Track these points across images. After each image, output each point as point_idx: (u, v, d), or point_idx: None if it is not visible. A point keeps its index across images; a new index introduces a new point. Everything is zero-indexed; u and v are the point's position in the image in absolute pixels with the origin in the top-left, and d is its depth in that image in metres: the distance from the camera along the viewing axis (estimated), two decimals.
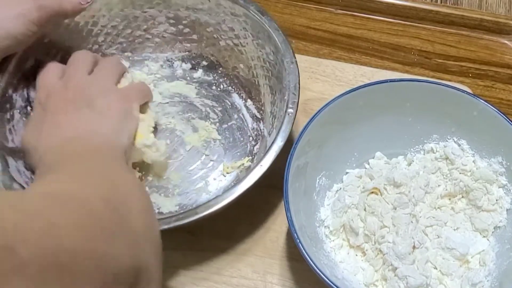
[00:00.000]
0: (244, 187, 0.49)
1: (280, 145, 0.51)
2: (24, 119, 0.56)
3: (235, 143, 0.61)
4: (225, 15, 0.60)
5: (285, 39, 0.57)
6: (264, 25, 0.57)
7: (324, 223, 0.55)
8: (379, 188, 0.55)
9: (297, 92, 0.54)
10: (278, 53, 0.56)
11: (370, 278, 0.52)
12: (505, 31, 0.73)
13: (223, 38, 0.63)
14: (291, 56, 0.56)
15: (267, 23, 0.57)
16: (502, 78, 0.70)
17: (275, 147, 0.51)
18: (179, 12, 0.62)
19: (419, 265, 0.51)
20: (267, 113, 0.60)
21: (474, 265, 0.53)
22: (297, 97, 0.54)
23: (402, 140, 0.59)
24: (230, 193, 0.49)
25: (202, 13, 0.61)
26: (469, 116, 0.55)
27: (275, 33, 0.57)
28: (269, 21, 0.57)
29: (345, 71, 0.69)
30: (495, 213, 0.54)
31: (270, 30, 0.57)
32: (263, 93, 0.61)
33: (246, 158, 0.60)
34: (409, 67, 0.71)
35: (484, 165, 0.56)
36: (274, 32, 0.57)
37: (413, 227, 0.52)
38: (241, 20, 0.59)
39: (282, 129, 0.52)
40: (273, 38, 0.57)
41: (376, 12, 0.75)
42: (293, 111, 0.53)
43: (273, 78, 0.58)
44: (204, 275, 0.55)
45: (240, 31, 0.60)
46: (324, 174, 0.56)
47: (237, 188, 0.49)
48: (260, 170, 0.50)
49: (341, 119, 0.55)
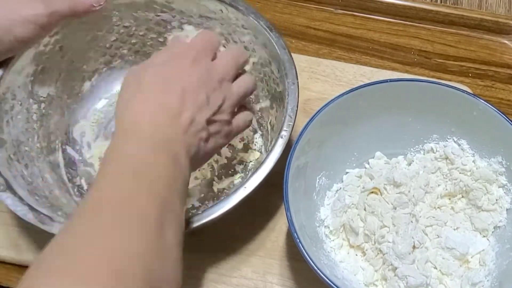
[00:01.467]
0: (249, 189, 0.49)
1: (269, 166, 0.50)
2: (24, 112, 0.56)
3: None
4: (236, 26, 0.60)
5: (290, 58, 0.56)
6: (271, 41, 0.57)
7: (324, 223, 0.55)
8: (379, 188, 0.55)
9: (293, 115, 0.53)
10: (282, 71, 0.56)
11: (370, 277, 0.52)
12: (505, 31, 0.73)
13: None
14: (293, 77, 0.55)
15: (275, 40, 0.57)
16: (502, 78, 0.71)
17: (264, 169, 0.50)
18: (192, 19, 0.62)
19: (419, 265, 0.51)
20: (268, 129, 0.60)
21: (474, 265, 0.53)
22: (293, 120, 0.53)
23: (402, 140, 0.59)
24: (236, 196, 0.49)
25: (215, 22, 0.61)
26: (469, 116, 0.55)
27: (281, 52, 0.56)
28: (276, 38, 0.57)
29: (345, 71, 0.69)
30: (495, 213, 0.54)
31: (277, 47, 0.57)
32: (264, 108, 0.61)
33: (238, 175, 0.60)
34: (409, 67, 0.71)
35: (484, 165, 0.56)
36: (281, 50, 0.56)
37: (413, 227, 0.53)
38: (251, 33, 0.59)
39: (273, 151, 0.51)
40: (279, 56, 0.56)
41: (376, 12, 0.75)
42: (286, 134, 0.52)
43: (276, 95, 0.58)
44: (204, 275, 0.55)
45: (249, 44, 0.60)
46: (324, 174, 0.56)
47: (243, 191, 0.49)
48: (244, 191, 0.49)
49: (341, 119, 0.55)
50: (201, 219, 0.48)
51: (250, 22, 0.58)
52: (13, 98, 0.55)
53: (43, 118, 0.59)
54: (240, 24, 0.59)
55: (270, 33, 0.57)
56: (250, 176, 0.50)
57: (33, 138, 0.58)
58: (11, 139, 0.54)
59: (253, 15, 0.58)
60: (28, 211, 0.48)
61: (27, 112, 0.57)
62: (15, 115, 0.55)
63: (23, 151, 0.55)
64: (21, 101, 0.56)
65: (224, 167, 0.61)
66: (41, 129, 0.59)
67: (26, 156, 0.55)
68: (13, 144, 0.54)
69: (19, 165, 0.53)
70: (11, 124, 0.55)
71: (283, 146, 0.51)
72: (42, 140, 0.59)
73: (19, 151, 0.55)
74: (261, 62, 0.59)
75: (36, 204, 0.49)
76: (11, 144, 0.54)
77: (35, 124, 0.58)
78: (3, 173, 0.50)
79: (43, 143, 0.59)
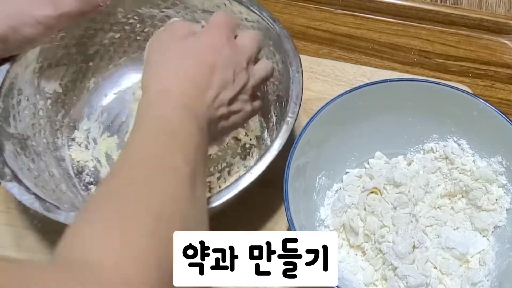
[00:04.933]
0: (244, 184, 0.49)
1: (273, 154, 0.50)
2: (31, 107, 0.57)
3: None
4: (240, 20, 0.60)
5: (293, 47, 0.56)
6: (275, 32, 0.57)
7: (324, 222, 0.55)
8: (379, 187, 0.55)
9: (298, 101, 0.53)
10: (287, 61, 0.56)
11: (370, 277, 0.52)
12: (504, 31, 0.73)
13: None
14: (298, 65, 0.55)
15: (278, 30, 0.57)
16: (502, 78, 0.71)
17: (269, 156, 0.50)
18: (196, 14, 0.62)
19: (419, 265, 0.51)
20: (272, 121, 0.60)
21: (474, 264, 0.53)
22: (298, 106, 0.53)
23: (402, 140, 0.59)
24: (231, 189, 0.49)
25: None
26: (469, 116, 0.55)
27: (285, 41, 0.56)
28: (280, 29, 0.57)
29: (345, 71, 0.69)
30: (495, 212, 0.54)
31: (281, 37, 0.57)
32: (271, 101, 0.61)
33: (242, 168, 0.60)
34: (409, 67, 0.71)
35: (484, 164, 0.56)
36: (284, 40, 0.57)
37: (413, 227, 0.53)
38: (255, 26, 0.59)
39: (279, 136, 0.51)
40: (283, 45, 0.56)
41: (376, 12, 0.75)
42: (291, 120, 0.52)
43: (281, 86, 0.58)
44: None
45: None
46: (324, 174, 0.56)
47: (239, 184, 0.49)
48: (251, 177, 0.49)
49: (341, 119, 0.55)
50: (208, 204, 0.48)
51: (253, 15, 0.58)
52: (19, 94, 0.56)
53: (50, 114, 0.60)
54: (244, 17, 0.59)
55: (273, 24, 0.57)
56: (256, 162, 0.50)
57: (40, 134, 0.58)
58: (18, 134, 0.54)
59: (257, 8, 0.58)
60: (35, 200, 0.48)
61: (33, 108, 0.58)
62: (21, 110, 0.56)
63: (30, 146, 0.55)
64: (28, 96, 0.57)
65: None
66: (47, 124, 0.59)
67: (33, 151, 0.56)
68: (20, 139, 0.54)
69: (26, 159, 0.54)
70: (17, 119, 0.55)
71: (288, 132, 0.51)
72: (48, 135, 0.59)
73: (26, 145, 0.55)
74: (265, 55, 0.59)
75: (43, 195, 0.49)
76: (18, 139, 0.54)
77: (41, 120, 0.59)
78: (10, 165, 0.51)
79: (49, 139, 0.59)
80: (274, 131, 0.58)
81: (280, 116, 0.58)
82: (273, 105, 0.61)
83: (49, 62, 0.59)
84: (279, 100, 0.59)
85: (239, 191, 0.48)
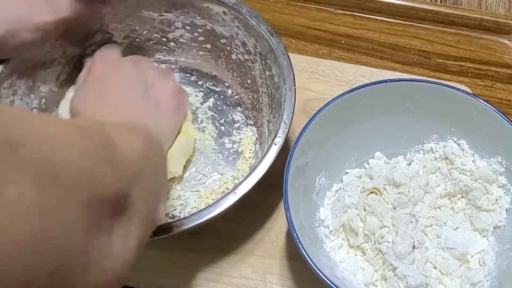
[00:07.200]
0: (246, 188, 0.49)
1: (260, 173, 0.50)
2: (24, 106, 0.57)
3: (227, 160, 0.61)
4: (238, 30, 0.60)
5: (289, 64, 0.56)
6: (272, 47, 0.57)
7: (324, 223, 0.55)
8: (378, 188, 0.55)
9: (288, 122, 0.53)
10: (281, 76, 0.56)
11: (369, 278, 0.52)
12: (504, 31, 0.73)
13: (235, 51, 0.63)
14: (291, 83, 0.55)
15: (275, 45, 0.57)
16: (502, 78, 0.71)
17: (252, 178, 0.50)
18: (196, 20, 0.62)
19: (419, 265, 0.51)
20: (265, 135, 0.60)
21: (474, 264, 0.53)
22: (288, 127, 0.52)
23: (402, 140, 0.59)
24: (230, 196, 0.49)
25: (218, 24, 0.61)
26: (468, 116, 0.55)
27: (281, 57, 0.56)
28: (277, 43, 0.57)
29: (344, 71, 0.69)
30: (495, 213, 0.54)
31: (277, 52, 0.57)
32: (264, 114, 0.61)
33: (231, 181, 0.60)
34: (408, 67, 0.71)
35: (483, 165, 0.56)
36: (280, 56, 0.56)
37: (412, 227, 0.53)
38: (253, 38, 0.59)
39: (266, 157, 0.51)
40: (279, 61, 0.56)
41: (375, 12, 0.75)
42: (280, 140, 0.51)
43: (275, 100, 0.58)
44: (204, 275, 0.55)
45: (251, 47, 0.60)
46: (324, 174, 0.56)
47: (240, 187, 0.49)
48: (234, 198, 0.49)
49: (340, 119, 0.55)
50: (189, 222, 0.48)
51: (252, 27, 0.58)
52: (13, 94, 0.56)
53: (44, 113, 0.60)
54: (242, 27, 0.59)
55: (271, 38, 0.57)
56: (241, 182, 0.49)
57: None
58: None
59: (255, 19, 0.58)
60: None
61: (27, 107, 0.58)
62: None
63: None
64: (21, 96, 0.57)
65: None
66: None
67: None
68: None
69: None
70: None
71: (276, 152, 0.51)
72: None
73: None
74: (262, 68, 0.59)
75: None
76: None
77: None
78: None
79: None
80: (266, 146, 0.58)
81: (271, 131, 0.57)
82: (265, 117, 0.61)
83: (43, 61, 0.58)
84: (271, 111, 0.59)
85: (219, 212, 0.48)
